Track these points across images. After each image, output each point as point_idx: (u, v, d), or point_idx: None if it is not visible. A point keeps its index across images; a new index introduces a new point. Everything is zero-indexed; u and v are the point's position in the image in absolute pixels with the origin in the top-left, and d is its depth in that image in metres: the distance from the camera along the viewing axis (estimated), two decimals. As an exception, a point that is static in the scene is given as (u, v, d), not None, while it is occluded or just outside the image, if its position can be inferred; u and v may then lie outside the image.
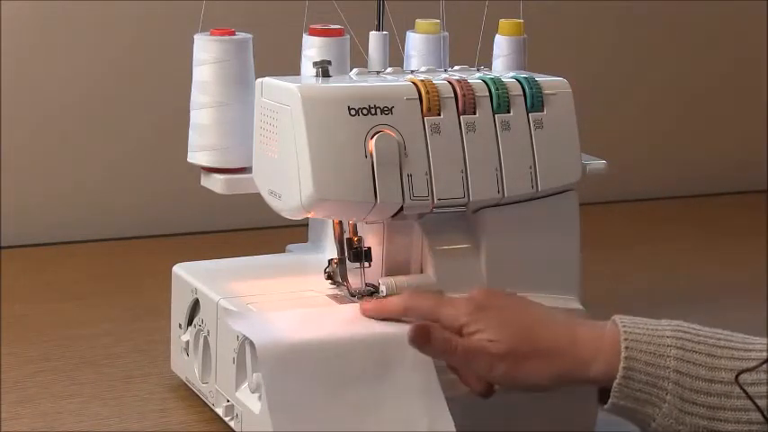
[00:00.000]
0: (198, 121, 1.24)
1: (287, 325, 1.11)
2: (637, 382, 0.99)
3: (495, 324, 1.03)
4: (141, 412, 1.23)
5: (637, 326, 1.01)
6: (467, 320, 1.04)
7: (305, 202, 1.11)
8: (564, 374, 1.02)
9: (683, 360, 0.99)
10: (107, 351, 1.39)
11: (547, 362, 1.02)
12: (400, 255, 1.18)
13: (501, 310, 1.05)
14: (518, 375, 1.03)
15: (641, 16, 2.20)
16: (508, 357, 1.02)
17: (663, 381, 0.99)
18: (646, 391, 0.99)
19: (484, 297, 1.07)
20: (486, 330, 1.04)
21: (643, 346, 1.00)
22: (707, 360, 0.99)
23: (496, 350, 1.03)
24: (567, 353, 1.02)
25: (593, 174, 1.24)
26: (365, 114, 1.12)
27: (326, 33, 1.24)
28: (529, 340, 1.03)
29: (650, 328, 1.01)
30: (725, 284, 1.69)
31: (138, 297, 1.57)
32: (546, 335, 1.03)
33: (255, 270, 1.28)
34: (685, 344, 0.99)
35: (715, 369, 0.98)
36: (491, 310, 1.05)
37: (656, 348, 0.99)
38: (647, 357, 0.99)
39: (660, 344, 1.00)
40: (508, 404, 1.16)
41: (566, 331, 1.03)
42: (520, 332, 1.03)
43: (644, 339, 1.00)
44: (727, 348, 0.99)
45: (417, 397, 1.07)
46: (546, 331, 1.03)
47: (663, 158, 2.26)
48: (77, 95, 1.83)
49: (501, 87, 1.17)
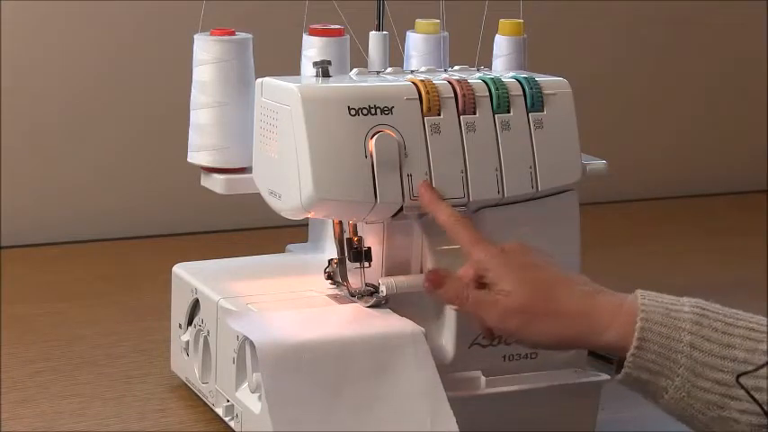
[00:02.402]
0: (198, 121, 1.24)
1: (287, 325, 1.11)
2: (650, 352, 0.99)
3: (514, 278, 1.04)
4: (141, 412, 1.23)
5: (656, 299, 1.01)
6: (489, 268, 1.05)
7: (305, 202, 1.11)
8: (575, 337, 1.02)
9: (698, 335, 0.99)
10: (107, 351, 1.39)
11: (560, 323, 1.02)
12: (400, 255, 1.18)
13: (525, 267, 1.05)
14: (527, 332, 1.03)
15: (641, 16, 2.20)
16: (521, 313, 1.03)
17: (677, 354, 0.99)
18: (659, 362, 0.99)
19: (514, 251, 1.07)
20: (504, 283, 1.04)
21: (659, 317, 1.00)
22: (722, 337, 0.99)
23: (510, 304, 1.03)
24: (582, 316, 1.02)
25: (593, 174, 1.24)
26: (365, 114, 1.12)
27: (326, 33, 1.24)
28: (546, 299, 1.03)
29: (668, 302, 1.01)
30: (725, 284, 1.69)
31: (138, 297, 1.57)
32: (564, 297, 1.03)
33: (255, 270, 1.29)
34: (702, 320, 0.99)
35: (729, 347, 0.98)
36: (516, 265, 1.05)
37: (672, 321, 0.99)
38: (661, 329, 0.99)
39: (677, 317, 1.00)
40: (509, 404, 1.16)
41: (585, 296, 1.03)
42: (538, 290, 1.03)
43: (660, 311, 1.00)
44: (743, 328, 0.99)
45: (419, 396, 1.07)
46: (565, 293, 1.03)
47: (663, 158, 2.26)
48: (77, 95, 1.83)
49: (501, 87, 1.17)
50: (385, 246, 1.18)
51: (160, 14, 1.84)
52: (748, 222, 2.06)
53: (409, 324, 1.12)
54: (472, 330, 1.12)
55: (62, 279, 1.66)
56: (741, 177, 2.30)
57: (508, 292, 1.03)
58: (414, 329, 1.11)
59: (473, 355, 1.16)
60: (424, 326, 1.11)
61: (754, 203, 2.20)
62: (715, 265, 1.81)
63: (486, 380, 1.16)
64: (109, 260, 1.76)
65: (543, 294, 1.03)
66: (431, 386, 1.07)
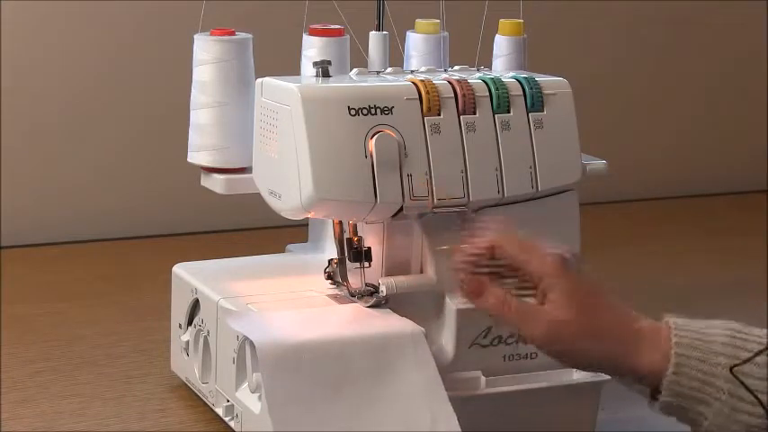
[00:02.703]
0: (198, 121, 1.24)
1: (287, 325, 1.11)
2: (688, 378, 0.99)
3: (565, 290, 1.02)
4: (141, 412, 1.23)
5: (688, 325, 1.01)
6: (549, 282, 1.03)
7: (305, 202, 1.11)
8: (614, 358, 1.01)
9: (734, 357, 0.98)
10: (107, 351, 1.39)
11: (602, 341, 1.01)
12: (400, 255, 1.18)
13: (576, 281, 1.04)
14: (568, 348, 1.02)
15: (641, 16, 2.20)
16: (567, 328, 1.01)
17: (716, 378, 0.98)
18: (697, 387, 0.99)
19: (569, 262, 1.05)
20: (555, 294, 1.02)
21: (695, 342, 0.99)
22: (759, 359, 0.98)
23: (558, 316, 1.01)
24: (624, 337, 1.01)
25: (593, 174, 1.24)
26: (365, 114, 1.12)
27: (326, 33, 1.24)
28: (592, 315, 1.02)
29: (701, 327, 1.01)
30: (725, 284, 1.69)
31: (138, 297, 1.57)
32: (609, 316, 1.02)
33: (255, 270, 1.29)
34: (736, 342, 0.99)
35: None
36: (569, 277, 1.04)
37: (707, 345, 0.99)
38: (698, 354, 0.99)
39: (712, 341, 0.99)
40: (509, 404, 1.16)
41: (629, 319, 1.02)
42: (586, 305, 1.02)
43: (695, 336, 0.99)
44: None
45: (418, 396, 1.07)
46: (610, 313, 1.02)
47: (663, 158, 2.26)
48: (77, 95, 1.83)
49: (501, 87, 1.17)
50: (385, 246, 1.18)
51: (160, 14, 1.84)
52: (748, 222, 2.06)
53: (409, 324, 1.12)
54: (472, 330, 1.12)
55: (62, 279, 1.66)
56: (741, 177, 2.30)
57: (559, 304, 1.02)
58: (414, 329, 1.11)
59: (473, 355, 1.16)
60: (424, 326, 1.11)
61: (754, 203, 2.20)
62: (715, 265, 1.81)
63: (486, 380, 1.16)
64: (109, 260, 1.76)
65: (590, 309, 1.02)
66: (431, 386, 1.07)
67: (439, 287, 1.16)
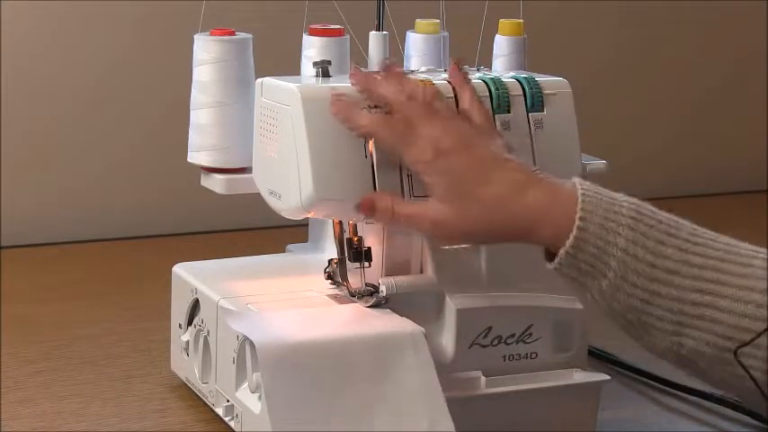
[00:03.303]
0: (198, 121, 1.24)
1: (287, 325, 1.11)
2: (585, 253, 0.99)
3: (446, 182, 1.04)
4: (141, 412, 1.23)
5: (596, 195, 1.01)
6: (423, 169, 1.05)
7: (305, 202, 1.11)
8: (509, 238, 1.03)
9: (632, 241, 0.98)
10: (107, 351, 1.39)
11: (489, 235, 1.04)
12: (400, 255, 1.18)
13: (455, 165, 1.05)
14: (459, 237, 1.07)
15: (641, 16, 2.20)
16: (450, 225, 1.04)
17: (609, 257, 0.98)
18: (591, 263, 0.99)
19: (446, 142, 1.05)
20: (436, 187, 1.04)
21: (597, 218, 0.99)
22: (655, 246, 0.98)
23: (439, 216, 1.04)
24: (512, 211, 1.02)
25: (593, 174, 1.24)
26: (365, 114, 1.12)
27: (326, 33, 1.24)
28: (472, 205, 1.03)
29: (607, 200, 1.00)
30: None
31: (138, 297, 1.57)
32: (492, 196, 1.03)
33: (255, 270, 1.29)
34: (639, 225, 0.99)
35: (661, 256, 0.98)
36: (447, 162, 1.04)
37: (609, 224, 0.99)
38: (598, 231, 0.99)
39: (615, 220, 0.99)
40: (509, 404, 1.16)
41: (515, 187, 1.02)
42: (466, 192, 1.03)
43: (600, 213, 0.99)
44: (675, 237, 0.99)
45: (417, 397, 1.07)
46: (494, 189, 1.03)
47: (663, 158, 2.26)
48: (77, 95, 1.83)
49: (501, 87, 1.17)
50: (385, 246, 1.18)
51: (160, 14, 1.84)
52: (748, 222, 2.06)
53: (409, 324, 1.11)
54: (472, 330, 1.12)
55: (62, 279, 1.66)
56: (741, 177, 2.30)
57: (439, 199, 1.04)
58: (414, 329, 1.11)
59: (473, 355, 1.16)
60: (424, 326, 1.11)
61: (754, 203, 2.20)
62: (715, 265, 1.81)
63: (486, 380, 1.16)
64: (109, 260, 1.76)
65: (472, 194, 1.03)
66: (429, 387, 1.07)
67: (439, 287, 1.16)
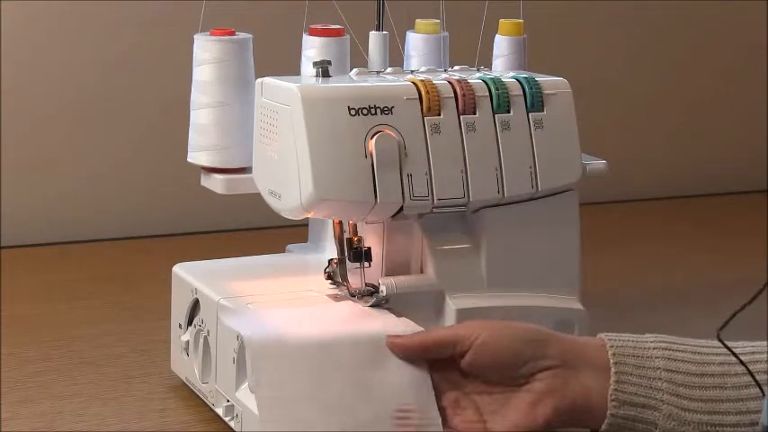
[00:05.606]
0: (198, 121, 1.24)
1: (279, 321, 1.11)
2: (630, 385, 0.99)
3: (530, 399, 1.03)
4: (141, 412, 1.23)
5: (619, 337, 1.02)
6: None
7: (305, 202, 1.11)
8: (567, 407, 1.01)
9: (670, 359, 0.99)
10: (107, 351, 1.39)
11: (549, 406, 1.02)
12: (400, 255, 1.18)
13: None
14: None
15: (641, 16, 2.20)
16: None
17: (656, 381, 0.99)
18: (641, 393, 0.99)
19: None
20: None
21: (629, 350, 1.00)
22: (693, 357, 0.99)
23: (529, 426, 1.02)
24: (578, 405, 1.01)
25: (593, 174, 1.24)
26: (365, 114, 1.12)
27: (326, 33, 1.24)
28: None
29: (633, 338, 1.02)
30: (725, 284, 1.69)
31: (138, 297, 1.57)
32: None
33: (255, 270, 1.29)
34: (670, 345, 1.00)
35: (704, 364, 0.99)
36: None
37: (642, 352, 1.00)
38: (635, 361, 0.99)
39: (645, 347, 1.01)
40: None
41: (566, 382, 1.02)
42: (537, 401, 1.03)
43: (629, 345, 1.01)
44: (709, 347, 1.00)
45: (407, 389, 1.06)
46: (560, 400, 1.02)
47: (663, 158, 2.26)
48: (77, 95, 1.83)
49: (501, 87, 1.17)
50: (385, 246, 1.18)
51: (160, 14, 1.84)
52: (748, 222, 2.06)
53: (407, 324, 1.11)
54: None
55: (62, 279, 1.66)
56: (741, 177, 2.30)
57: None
58: (411, 329, 1.10)
59: (473, 355, 1.15)
60: (423, 326, 1.11)
61: (754, 203, 2.20)
62: (715, 265, 1.81)
63: (486, 380, 1.16)
64: (109, 260, 1.76)
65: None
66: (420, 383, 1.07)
67: (439, 287, 1.16)
